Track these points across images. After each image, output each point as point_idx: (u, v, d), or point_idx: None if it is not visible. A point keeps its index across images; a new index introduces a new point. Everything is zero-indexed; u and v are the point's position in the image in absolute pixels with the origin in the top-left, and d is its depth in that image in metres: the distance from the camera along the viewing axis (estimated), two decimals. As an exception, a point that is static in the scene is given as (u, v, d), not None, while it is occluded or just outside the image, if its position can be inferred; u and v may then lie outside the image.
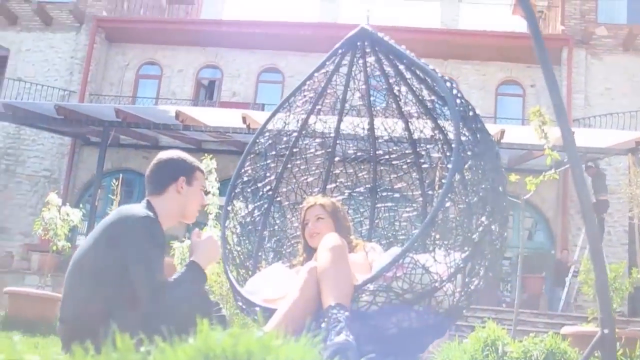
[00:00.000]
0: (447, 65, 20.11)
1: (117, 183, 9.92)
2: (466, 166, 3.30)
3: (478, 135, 3.43)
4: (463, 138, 3.33)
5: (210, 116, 15.62)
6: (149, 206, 3.30)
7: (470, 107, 3.53)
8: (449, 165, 3.31)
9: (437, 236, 3.49)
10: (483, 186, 3.33)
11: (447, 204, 3.24)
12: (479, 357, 5.72)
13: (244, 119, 14.42)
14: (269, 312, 3.28)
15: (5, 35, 20.30)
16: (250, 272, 4.00)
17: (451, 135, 3.74)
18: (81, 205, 12.74)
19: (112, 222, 3.23)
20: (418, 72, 3.81)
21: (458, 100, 3.44)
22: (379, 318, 3.21)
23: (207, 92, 21.06)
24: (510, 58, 19.48)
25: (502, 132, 14.51)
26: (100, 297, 3.11)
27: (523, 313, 14.27)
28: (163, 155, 3.46)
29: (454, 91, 3.48)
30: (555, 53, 19.16)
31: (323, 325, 2.97)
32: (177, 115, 14.87)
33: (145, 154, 18.24)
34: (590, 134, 15.83)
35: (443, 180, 3.72)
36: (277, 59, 19.83)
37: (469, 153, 3.33)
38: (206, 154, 9.59)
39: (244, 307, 3.54)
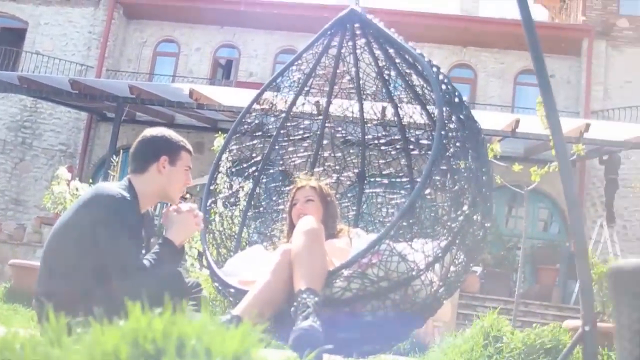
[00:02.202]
0: (466, 53, 19.96)
1: (117, 160, 9.89)
2: (448, 153, 3.22)
3: (463, 122, 3.34)
4: (446, 117, 3.26)
5: (225, 95, 15.55)
6: (129, 185, 3.24)
7: (456, 93, 3.44)
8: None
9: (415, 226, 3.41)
10: (465, 175, 3.24)
11: (427, 191, 3.15)
12: (479, 346, 5.67)
13: (262, 102, 14.33)
14: (244, 294, 3.24)
15: (24, 9, 20.32)
16: (231, 253, 3.95)
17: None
18: (90, 180, 12.73)
19: (86, 200, 3.18)
20: (407, 56, 3.72)
21: (444, 86, 3.35)
22: (353, 305, 3.15)
23: (224, 71, 21.01)
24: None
25: (517, 122, 14.34)
26: (74, 275, 3.08)
27: (533, 304, 14.20)
28: (147, 132, 3.38)
29: (440, 77, 3.40)
30: (576, 44, 18.95)
31: (292, 309, 2.92)
32: (191, 93, 14.82)
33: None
34: (607, 126, 15.63)
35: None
36: (295, 40, 19.68)
37: (451, 140, 3.25)
38: (220, 133, 9.51)
39: (220, 288, 3.49)
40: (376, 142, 4.41)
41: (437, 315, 9.76)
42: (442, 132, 3.15)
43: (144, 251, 3.29)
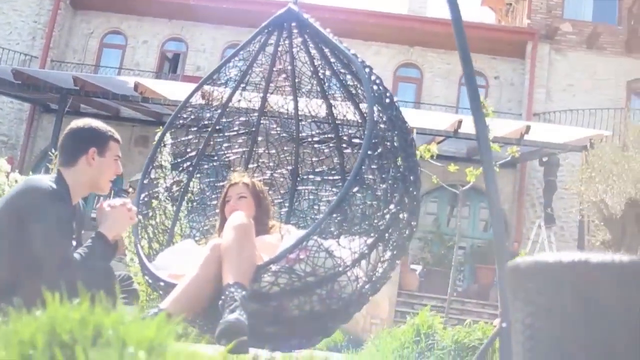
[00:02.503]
0: (413, 53, 20.18)
1: (55, 153, 9.76)
2: (377, 153, 3.29)
3: (394, 122, 3.43)
4: (376, 116, 3.33)
5: (171, 89, 15.45)
6: (59, 178, 3.24)
7: (388, 94, 3.52)
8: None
9: (344, 223, 3.48)
10: (393, 174, 3.32)
11: (355, 189, 3.22)
12: (410, 343, 5.77)
13: (203, 95, 14.29)
14: (173, 288, 3.27)
15: (-34, -4, 19.94)
16: (163, 247, 3.98)
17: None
18: (31, 173, 12.49)
19: (17, 193, 3.17)
20: (341, 56, 3.79)
21: (375, 87, 3.43)
22: (280, 299, 3.21)
23: (171, 65, 20.86)
24: (475, 49, 19.50)
25: (460, 122, 14.56)
26: (4, 267, 3.07)
27: (470, 303, 14.44)
28: (74, 124, 3.37)
29: (373, 77, 3.48)
30: (520, 46, 19.31)
31: (220, 302, 2.97)
32: (136, 86, 14.71)
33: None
34: (547, 128, 15.97)
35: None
36: (243, 35, 19.45)
37: (381, 140, 3.33)
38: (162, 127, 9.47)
39: (150, 281, 3.52)
40: (310, 139, 4.48)
41: (375, 312, 9.90)
42: (373, 132, 3.23)
43: (74, 243, 3.30)
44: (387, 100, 3.46)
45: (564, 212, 17.78)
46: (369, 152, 3.22)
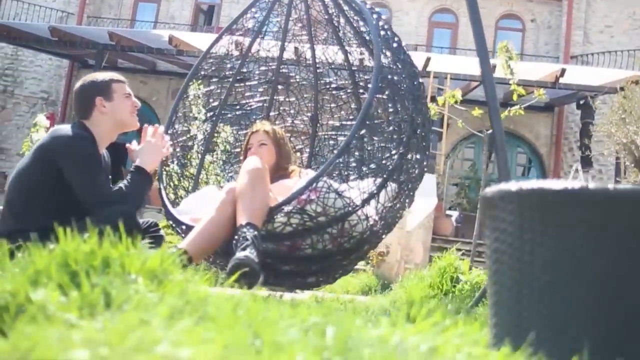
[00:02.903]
0: (448, -3, 20.00)
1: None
2: (384, 96, 3.40)
3: (400, 66, 3.53)
4: (384, 61, 3.43)
5: (205, 41, 15.53)
6: (83, 125, 3.42)
7: (396, 38, 3.62)
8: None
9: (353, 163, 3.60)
10: (400, 116, 3.44)
11: (362, 132, 3.34)
12: (435, 284, 5.91)
13: (237, 45, 14.40)
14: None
15: (3, -46, 20.17)
16: (188, 194, 4.16)
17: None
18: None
19: (46, 142, 3.36)
20: (353, 4, 3.89)
21: (383, 32, 3.52)
22: (293, 239, 3.37)
23: (206, 17, 20.94)
24: (511, -9, 19.34)
25: (494, 67, 14.43)
26: (38, 212, 3.26)
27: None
28: (77, 84, 3.57)
29: (381, 22, 3.57)
30: (557, -13, 19.02)
31: (233, 242, 3.13)
32: (171, 40, 14.87)
33: (143, 79, 18.32)
34: (583, 71, 15.79)
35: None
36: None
37: (388, 83, 3.43)
38: (195, 80, 9.64)
39: (173, 225, 3.70)
40: (328, 87, 4.59)
41: (409, 257, 10.03)
42: (379, 76, 3.34)
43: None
44: (395, 45, 3.55)
45: (602, 156, 17.65)
46: (377, 96, 3.33)
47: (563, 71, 14.24)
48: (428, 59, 14.37)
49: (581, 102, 16.22)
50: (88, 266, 1.88)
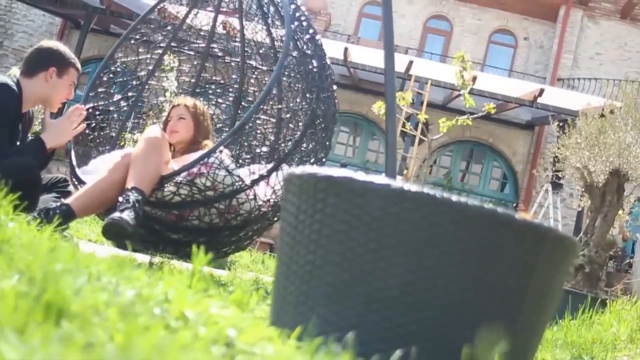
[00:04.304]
0: (445, 5, 20.09)
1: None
2: (285, 83, 3.52)
3: (311, 57, 3.64)
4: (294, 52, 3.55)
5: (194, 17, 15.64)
6: (17, 82, 3.56)
7: (311, 30, 3.73)
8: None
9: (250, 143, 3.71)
10: (300, 106, 3.55)
11: (259, 115, 3.46)
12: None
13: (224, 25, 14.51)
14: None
15: None
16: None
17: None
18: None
19: None
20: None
21: (297, 23, 3.64)
22: (182, 209, 3.49)
23: (203, -7, 20.94)
24: (508, 7, 19.45)
25: (474, 78, 14.55)
26: None
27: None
28: (45, 42, 3.72)
29: (297, 14, 3.68)
30: (553, 9, 19.13)
31: (117, 204, 3.25)
32: (159, 10, 14.92)
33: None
34: (562, 94, 15.91)
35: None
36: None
37: (292, 71, 3.54)
38: (170, 53, 9.76)
39: (76, 183, 3.81)
40: (253, 70, 4.70)
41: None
42: (284, 62, 3.45)
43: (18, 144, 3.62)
44: (308, 36, 3.66)
45: (573, 179, 17.77)
46: (281, 79, 3.44)
47: (541, 91, 14.38)
48: (411, 62, 14.47)
49: (560, 124, 16.32)
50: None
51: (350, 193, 1.66)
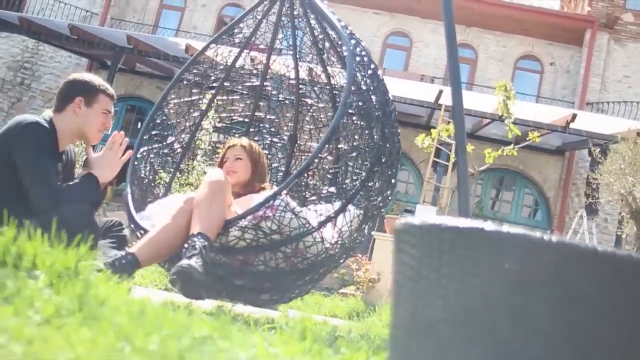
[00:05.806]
0: (469, 33, 20.03)
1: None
2: (351, 121, 3.41)
3: (372, 95, 3.54)
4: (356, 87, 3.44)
5: (221, 53, 15.65)
6: (50, 121, 3.45)
7: (372, 65, 3.63)
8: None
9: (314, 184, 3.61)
10: (365, 142, 3.44)
11: (324, 154, 3.35)
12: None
13: (253, 60, 14.51)
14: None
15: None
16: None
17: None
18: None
19: (8, 127, 3.40)
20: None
21: (359, 58, 3.54)
22: (246, 254, 3.37)
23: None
24: (532, 33, 19.35)
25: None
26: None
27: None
28: (72, 75, 3.61)
29: (358, 49, 3.59)
30: (579, 34, 18.99)
31: (183, 250, 3.14)
32: (187, 48, 14.97)
33: (159, 84, 18.44)
34: (596, 119, 15.74)
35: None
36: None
37: (357, 110, 3.44)
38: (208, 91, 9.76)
39: (134, 229, 3.71)
40: (308, 108, 4.61)
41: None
42: (347, 100, 3.35)
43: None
44: (370, 72, 3.56)
45: (609, 205, 17.56)
46: (343, 121, 3.33)
47: (574, 116, 14.22)
48: (440, 92, 14.38)
49: (593, 149, 16.15)
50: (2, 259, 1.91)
51: (484, 245, 1.53)
